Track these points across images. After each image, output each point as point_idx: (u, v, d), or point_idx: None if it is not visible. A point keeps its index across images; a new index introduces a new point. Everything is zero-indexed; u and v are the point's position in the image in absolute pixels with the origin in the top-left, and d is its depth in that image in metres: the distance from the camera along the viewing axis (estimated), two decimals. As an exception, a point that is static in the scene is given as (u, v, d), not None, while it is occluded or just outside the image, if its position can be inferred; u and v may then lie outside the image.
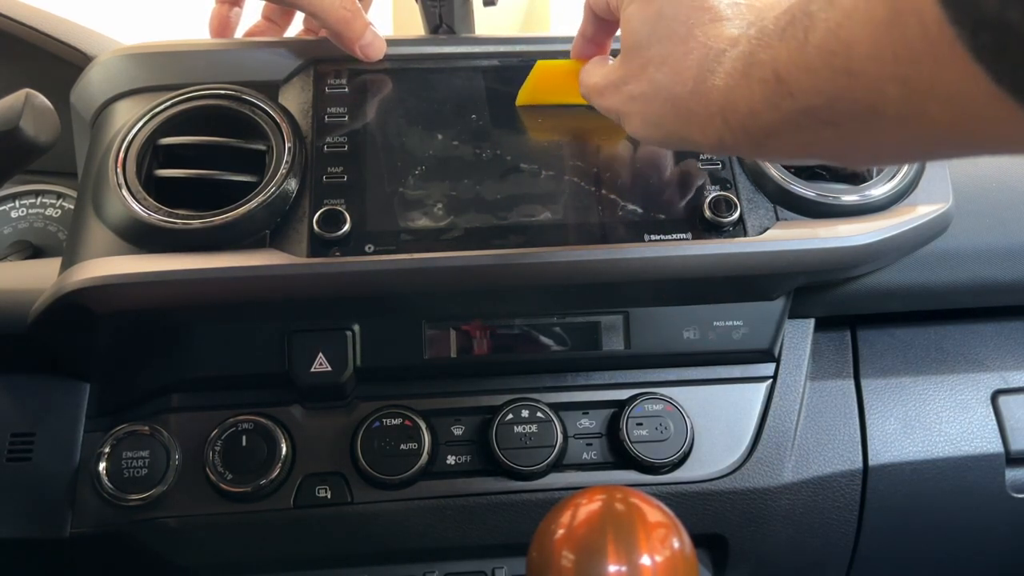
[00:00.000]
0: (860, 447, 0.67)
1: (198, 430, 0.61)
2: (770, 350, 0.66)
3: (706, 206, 0.60)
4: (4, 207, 0.81)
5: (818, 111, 0.35)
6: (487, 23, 0.76)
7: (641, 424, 0.63)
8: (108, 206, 0.58)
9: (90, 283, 0.55)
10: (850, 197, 0.63)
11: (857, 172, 0.65)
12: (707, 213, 0.60)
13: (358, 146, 0.62)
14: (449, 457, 0.63)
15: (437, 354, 0.63)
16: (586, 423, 0.64)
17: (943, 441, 0.68)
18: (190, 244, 0.57)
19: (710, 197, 0.60)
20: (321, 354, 0.61)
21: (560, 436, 0.62)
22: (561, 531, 0.44)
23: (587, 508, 0.44)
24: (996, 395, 0.70)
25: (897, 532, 0.69)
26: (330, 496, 0.61)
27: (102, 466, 0.59)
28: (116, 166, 0.58)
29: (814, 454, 0.66)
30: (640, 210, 0.61)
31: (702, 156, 0.63)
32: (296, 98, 0.63)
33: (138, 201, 0.57)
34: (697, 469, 0.64)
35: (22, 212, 0.81)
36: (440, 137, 0.63)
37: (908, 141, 0.35)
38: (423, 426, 0.62)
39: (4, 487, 0.61)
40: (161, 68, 0.64)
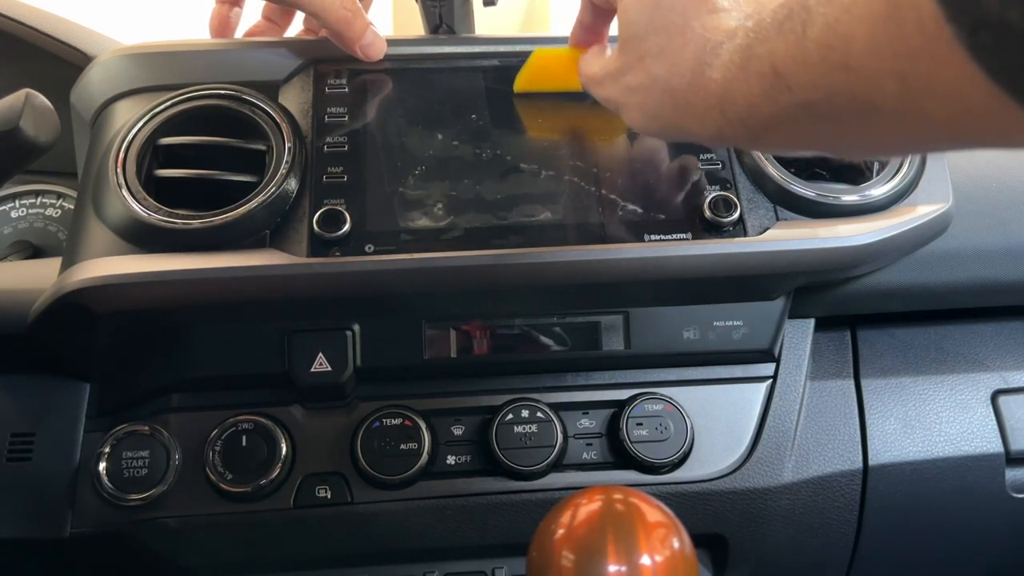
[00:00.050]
0: (860, 447, 0.67)
1: (198, 430, 0.61)
2: (770, 350, 0.66)
3: (706, 206, 0.60)
4: (4, 207, 0.81)
5: (815, 105, 0.35)
6: (487, 23, 0.76)
7: (641, 424, 0.63)
8: (108, 206, 0.58)
9: (90, 283, 0.55)
10: (850, 197, 0.63)
11: (857, 172, 0.65)
12: (707, 213, 0.60)
13: (358, 146, 0.62)
14: (449, 457, 0.63)
15: (437, 354, 0.63)
16: (586, 423, 0.64)
17: (943, 441, 0.68)
18: (190, 244, 0.57)
19: (710, 197, 0.60)
20: (321, 354, 0.61)
21: (560, 436, 0.62)
22: (561, 531, 0.44)
23: (587, 508, 0.44)
24: (996, 395, 0.70)
25: (897, 532, 0.69)
26: (330, 496, 0.61)
27: (102, 466, 0.59)
28: (116, 166, 0.58)
29: (814, 454, 0.66)
30: (640, 210, 0.61)
31: (702, 156, 0.63)
32: (296, 98, 0.63)
33: (138, 201, 0.57)
34: (697, 469, 0.64)
35: (22, 212, 0.81)
36: (440, 137, 0.63)
37: (905, 136, 0.35)
38: (423, 426, 0.62)
39: (4, 487, 0.61)
40: (161, 68, 0.64)
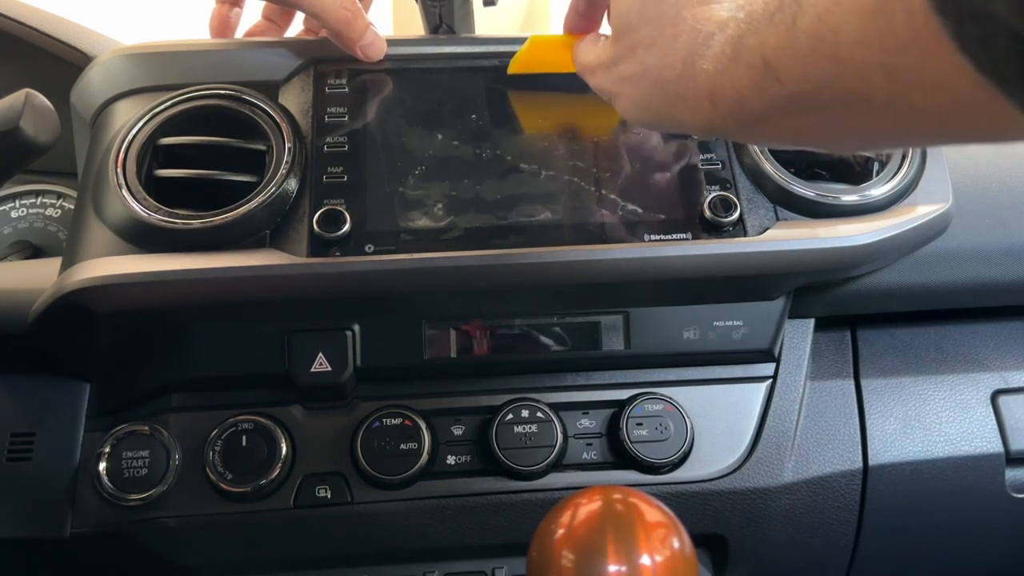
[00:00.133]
0: (860, 447, 0.67)
1: (198, 430, 0.61)
2: (770, 350, 0.66)
3: (706, 206, 0.60)
4: (4, 207, 0.81)
5: (805, 97, 0.36)
6: (487, 23, 0.76)
7: (641, 424, 0.63)
8: (108, 206, 0.58)
9: (90, 283, 0.55)
10: (850, 197, 0.63)
11: (857, 172, 0.65)
12: (707, 213, 0.60)
13: (358, 146, 0.62)
14: (449, 457, 0.63)
15: (437, 354, 0.63)
16: (586, 423, 0.64)
17: (943, 441, 0.68)
18: (190, 244, 0.57)
19: (710, 197, 0.60)
20: (321, 354, 0.61)
21: (560, 436, 0.62)
22: (561, 531, 0.44)
23: (587, 508, 0.44)
24: (996, 395, 0.70)
25: (897, 532, 0.69)
26: (330, 496, 0.61)
27: (102, 466, 0.59)
28: (116, 166, 0.58)
29: (814, 454, 0.66)
30: (640, 210, 0.61)
31: (702, 156, 0.63)
32: (296, 98, 0.63)
33: (138, 201, 0.57)
34: (697, 469, 0.64)
35: (22, 212, 0.81)
36: (440, 137, 0.63)
37: (894, 128, 0.35)
38: (423, 426, 0.62)
39: (4, 487, 0.61)
40: (161, 68, 0.64)
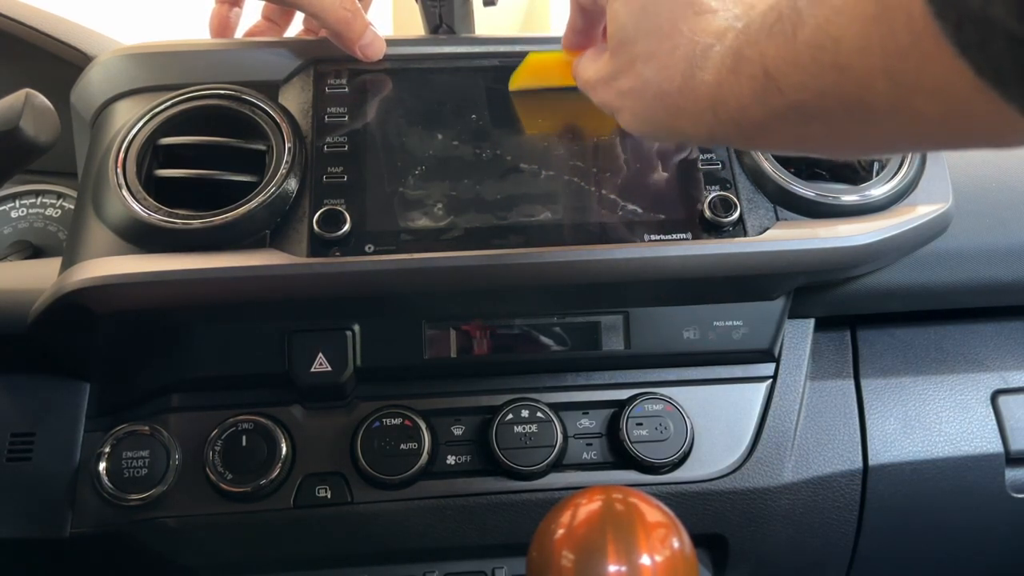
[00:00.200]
0: (860, 447, 0.67)
1: (198, 430, 0.61)
2: (770, 350, 0.66)
3: (706, 206, 0.60)
4: (4, 207, 0.81)
5: (807, 106, 0.36)
6: (487, 23, 0.76)
7: (641, 424, 0.63)
8: (108, 206, 0.58)
9: (90, 283, 0.55)
10: (850, 197, 0.63)
11: (857, 172, 0.65)
12: (707, 213, 0.60)
13: (358, 146, 0.62)
14: (449, 457, 0.63)
15: (437, 354, 0.63)
16: (586, 423, 0.64)
17: (943, 441, 0.68)
18: (190, 244, 0.57)
19: (710, 197, 0.60)
20: (321, 354, 0.61)
21: (560, 436, 0.62)
22: (561, 531, 0.44)
23: (587, 508, 0.44)
24: (996, 395, 0.70)
25: (897, 532, 0.69)
26: (330, 496, 0.61)
27: (102, 466, 0.59)
28: (116, 166, 0.58)
29: (814, 454, 0.66)
30: (640, 210, 0.61)
31: (702, 156, 0.63)
32: (296, 98, 0.63)
33: (138, 201, 0.57)
34: (697, 469, 0.64)
35: (22, 212, 0.81)
36: (440, 137, 0.63)
37: (897, 134, 0.35)
38: (423, 426, 0.62)
39: (4, 487, 0.61)
40: (161, 68, 0.64)
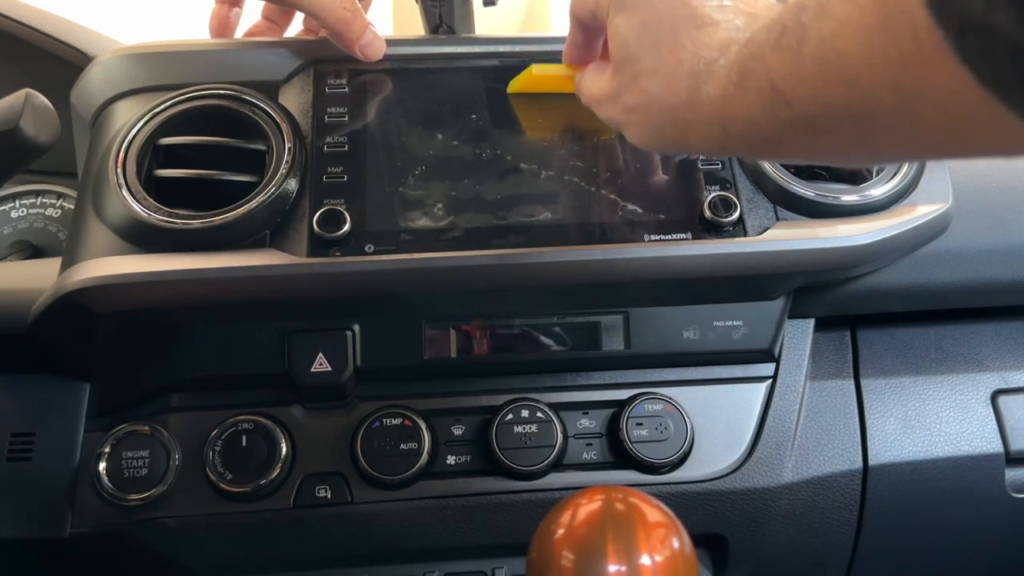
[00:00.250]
0: (860, 447, 0.67)
1: (198, 430, 0.61)
2: (770, 350, 0.66)
3: (706, 206, 0.60)
4: (4, 207, 0.81)
5: (816, 119, 0.36)
6: (487, 23, 0.76)
7: (641, 424, 0.63)
8: (108, 206, 0.58)
9: (90, 283, 0.55)
10: (850, 197, 0.63)
11: (857, 172, 0.65)
12: (707, 213, 0.60)
13: (358, 146, 0.62)
14: (449, 457, 0.63)
15: (437, 354, 0.63)
16: (586, 423, 0.64)
17: (943, 441, 0.68)
18: (190, 244, 0.57)
19: (710, 197, 0.60)
20: (321, 354, 0.61)
21: (560, 436, 0.62)
22: (561, 531, 0.44)
23: (587, 508, 0.44)
24: (996, 395, 0.70)
25: (897, 532, 0.69)
26: (330, 496, 0.61)
27: (102, 466, 0.59)
28: (116, 166, 0.58)
29: (814, 454, 0.66)
30: (640, 210, 0.61)
31: (702, 156, 0.63)
32: (296, 98, 0.63)
33: (138, 201, 0.57)
34: (697, 469, 0.64)
35: (22, 212, 0.81)
36: (440, 137, 0.63)
37: (904, 144, 0.35)
38: (423, 426, 0.62)
39: (4, 487, 0.61)
40: (161, 68, 0.64)
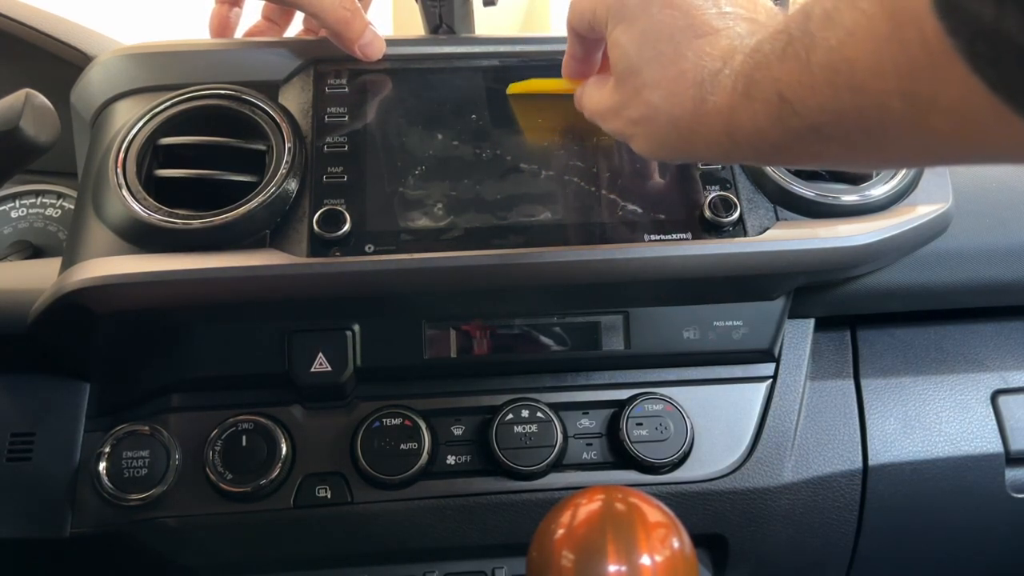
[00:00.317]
0: (860, 447, 0.67)
1: (198, 430, 0.61)
2: (770, 350, 0.66)
3: (706, 206, 0.60)
4: (4, 207, 0.81)
5: (824, 127, 0.36)
6: (487, 23, 0.76)
7: (641, 424, 0.63)
8: (108, 206, 0.58)
9: (90, 283, 0.55)
10: (850, 197, 0.63)
11: (857, 172, 0.65)
12: (707, 213, 0.60)
13: (358, 146, 0.62)
14: (449, 457, 0.63)
15: (437, 354, 0.63)
16: (586, 423, 0.64)
17: (943, 441, 0.68)
18: (190, 244, 0.57)
19: (710, 197, 0.60)
20: (321, 354, 0.61)
21: (560, 436, 0.62)
22: (561, 531, 0.44)
23: (587, 508, 0.44)
24: (996, 395, 0.70)
25: (897, 532, 0.69)
26: (330, 496, 0.61)
27: (102, 466, 0.59)
28: (116, 166, 0.58)
29: (814, 454, 0.66)
30: (640, 210, 0.61)
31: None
32: (296, 98, 0.63)
33: (138, 201, 0.57)
34: (697, 469, 0.64)
35: (22, 212, 0.81)
36: (440, 137, 0.63)
37: (914, 151, 0.35)
38: (423, 426, 0.62)
39: (4, 487, 0.61)
40: (161, 68, 0.64)
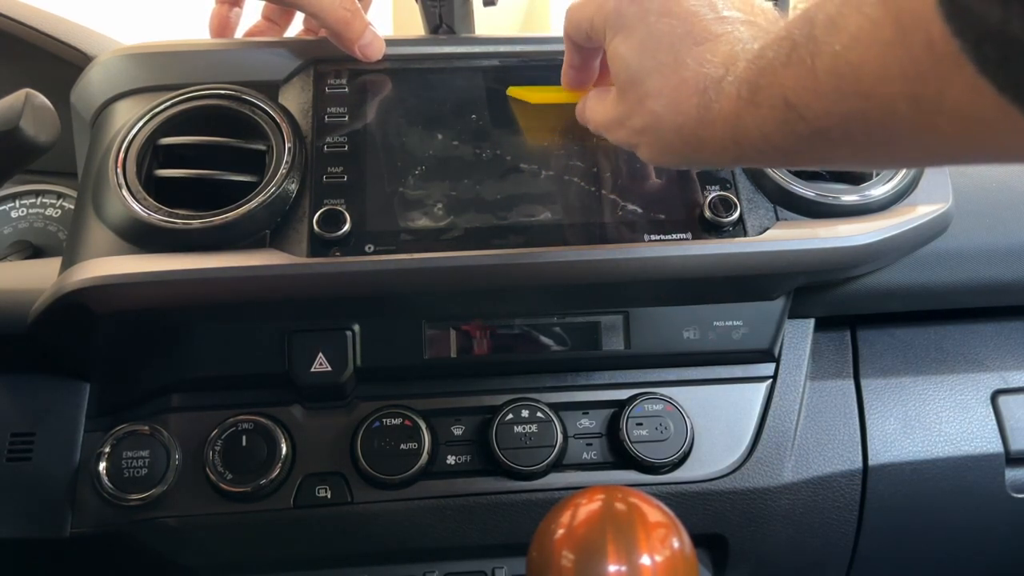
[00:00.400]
0: (860, 447, 0.67)
1: (198, 430, 0.61)
2: (770, 350, 0.66)
3: (706, 206, 0.60)
4: (4, 207, 0.81)
5: (831, 132, 0.36)
6: (487, 23, 0.76)
7: (641, 424, 0.63)
8: (108, 206, 0.58)
9: (90, 283, 0.55)
10: (850, 197, 0.63)
11: (857, 172, 0.65)
12: (707, 213, 0.60)
13: (358, 146, 0.62)
14: (449, 457, 0.63)
15: (437, 354, 0.63)
16: (586, 423, 0.64)
17: (943, 441, 0.68)
18: (190, 244, 0.57)
19: (710, 197, 0.60)
20: (321, 354, 0.61)
21: (560, 436, 0.62)
22: (561, 531, 0.44)
23: (587, 508, 0.44)
24: (996, 395, 0.70)
25: (897, 532, 0.69)
26: (330, 496, 0.61)
27: (102, 466, 0.59)
28: (116, 166, 0.58)
29: (814, 454, 0.66)
30: (640, 210, 0.61)
31: None
32: (296, 98, 0.63)
33: (138, 201, 0.57)
34: (697, 469, 0.64)
35: (22, 212, 0.81)
36: (440, 137, 0.63)
37: (920, 152, 0.36)
38: (423, 426, 0.62)
39: (4, 487, 0.61)
40: (161, 68, 0.64)
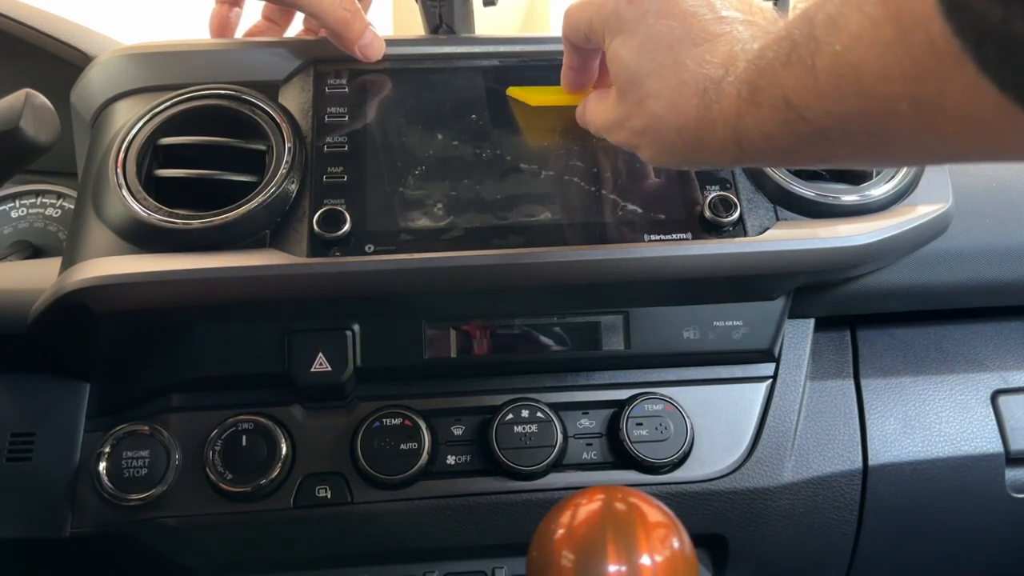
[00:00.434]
0: (860, 447, 0.67)
1: (198, 430, 0.61)
2: (770, 350, 0.66)
3: (706, 206, 0.60)
4: (4, 207, 0.81)
5: (832, 132, 0.36)
6: (487, 23, 0.76)
7: (641, 424, 0.63)
8: (108, 206, 0.58)
9: (90, 283, 0.55)
10: (850, 197, 0.63)
11: (858, 172, 0.65)
12: (707, 213, 0.60)
13: (358, 146, 0.62)
14: (449, 457, 0.63)
15: (437, 354, 0.63)
16: (586, 423, 0.64)
17: (943, 441, 0.68)
18: (190, 244, 0.57)
19: (710, 197, 0.60)
20: (321, 354, 0.61)
21: (560, 436, 0.62)
22: (561, 531, 0.44)
23: (587, 508, 0.44)
24: (996, 395, 0.70)
25: (897, 532, 0.69)
26: (330, 496, 0.61)
27: (102, 466, 0.59)
28: (116, 166, 0.58)
29: (814, 454, 0.66)
30: (640, 210, 0.61)
31: None
32: (296, 98, 0.63)
33: (138, 201, 0.57)
34: (697, 469, 0.64)
35: (22, 212, 0.81)
36: (440, 137, 0.63)
37: (921, 151, 0.36)
38: (423, 426, 0.62)
39: (4, 487, 0.61)
40: (161, 68, 0.64)
